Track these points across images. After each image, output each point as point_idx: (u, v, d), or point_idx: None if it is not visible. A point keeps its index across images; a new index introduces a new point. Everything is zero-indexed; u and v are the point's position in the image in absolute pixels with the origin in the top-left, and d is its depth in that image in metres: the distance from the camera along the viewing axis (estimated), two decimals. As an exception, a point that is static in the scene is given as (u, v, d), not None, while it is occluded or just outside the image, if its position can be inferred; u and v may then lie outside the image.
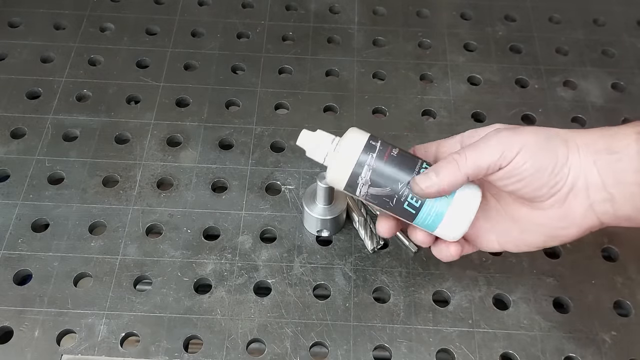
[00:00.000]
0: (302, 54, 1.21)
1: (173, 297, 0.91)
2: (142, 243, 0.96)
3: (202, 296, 0.91)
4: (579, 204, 0.73)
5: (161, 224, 0.98)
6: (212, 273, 0.93)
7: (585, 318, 0.92)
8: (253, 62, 1.19)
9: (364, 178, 0.77)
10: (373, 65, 1.20)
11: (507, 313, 0.92)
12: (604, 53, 1.24)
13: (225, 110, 1.12)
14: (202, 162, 1.05)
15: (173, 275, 0.93)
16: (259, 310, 0.90)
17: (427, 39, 1.24)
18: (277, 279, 0.93)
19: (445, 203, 0.77)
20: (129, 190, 1.01)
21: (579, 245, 0.96)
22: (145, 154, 1.05)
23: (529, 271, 0.95)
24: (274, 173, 1.04)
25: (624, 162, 0.70)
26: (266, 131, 1.09)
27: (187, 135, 1.08)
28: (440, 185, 0.74)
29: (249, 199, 1.01)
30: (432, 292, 0.93)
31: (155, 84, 1.15)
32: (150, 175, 1.03)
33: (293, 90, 1.15)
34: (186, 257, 0.95)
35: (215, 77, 1.16)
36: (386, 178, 0.77)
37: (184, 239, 0.97)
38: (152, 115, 1.10)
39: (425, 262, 0.96)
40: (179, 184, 1.02)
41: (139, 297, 0.91)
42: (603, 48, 1.24)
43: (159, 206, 1.00)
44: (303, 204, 0.96)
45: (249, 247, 0.96)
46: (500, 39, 1.25)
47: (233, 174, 1.03)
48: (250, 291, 0.92)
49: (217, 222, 0.98)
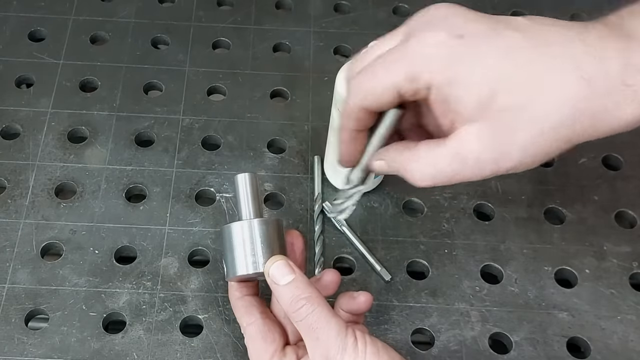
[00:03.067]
0: (243, 23, 1.23)
1: (76, 337, 0.92)
2: (36, 267, 0.97)
3: (114, 336, 0.92)
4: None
5: (61, 242, 0.99)
6: (126, 306, 0.94)
7: (606, 364, 0.94)
8: (179, 33, 1.21)
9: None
10: (334, 37, 1.22)
11: (508, 358, 0.94)
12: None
13: (143, 96, 1.13)
14: (113, 162, 1.06)
15: (76, 308, 0.94)
16: (187, 354, 0.91)
17: (405, 3, 1.27)
18: (210, 314, 0.94)
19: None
20: (19, 199, 1.02)
21: (599, 271, 0.99)
22: (41, 152, 1.06)
23: (536, 304, 0.98)
24: (206, 177, 1.05)
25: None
26: (196, 123, 1.11)
27: (95, 127, 1.09)
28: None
29: (175, 211, 1.02)
30: (411, 331, 0.95)
31: (53, 61, 1.16)
32: (46, 179, 1.04)
33: (231, 69, 1.17)
34: (93, 285, 0.96)
35: (130, 52, 1.18)
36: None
37: (91, 262, 0.97)
38: (48, 102, 1.11)
39: (402, 293, 0.98)
40: (83, 190, 1.03)
41: (32, 338, 0.91)
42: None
43: (58, 219, 1.01)
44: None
45: (174, 273, 0.97)
46: (500, 3, 1.28)
47: (154, 179, 1.05)
48: (176, 329, 0.93)
49: (134, 241, 0.99)
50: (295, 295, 0.78)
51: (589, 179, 1.08)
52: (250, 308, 0.85)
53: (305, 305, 0.77)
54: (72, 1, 1.23)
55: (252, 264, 0.82)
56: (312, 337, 0.77)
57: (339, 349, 0.75)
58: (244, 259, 0.82)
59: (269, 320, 0.85)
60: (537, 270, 0.99)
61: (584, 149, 1.09)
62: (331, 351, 0.75)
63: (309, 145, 1.09)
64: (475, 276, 0.99)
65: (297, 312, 0.78)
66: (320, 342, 0.76)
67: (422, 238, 1.02)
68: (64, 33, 1.19)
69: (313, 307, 0.77)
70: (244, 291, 0.86)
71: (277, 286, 0.80)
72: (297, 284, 0.79)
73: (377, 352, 0.76)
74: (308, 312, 0.77)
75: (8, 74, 1.14)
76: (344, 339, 0.75)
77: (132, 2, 1.24)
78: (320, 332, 0.76)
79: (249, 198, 0.85)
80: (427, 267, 0.99)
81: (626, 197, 1.06)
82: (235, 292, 0.86)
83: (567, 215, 1.04)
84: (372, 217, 1.03)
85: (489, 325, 0.95)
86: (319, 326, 0.76)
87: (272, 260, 0.81)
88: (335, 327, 0.76)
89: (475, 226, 1.03)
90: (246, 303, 0.86)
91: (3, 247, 0.98)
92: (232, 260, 0.83)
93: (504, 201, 1.05)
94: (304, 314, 0.77)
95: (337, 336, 0.75)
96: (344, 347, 0.75)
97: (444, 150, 0.72)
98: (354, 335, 0.76)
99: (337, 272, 0.86)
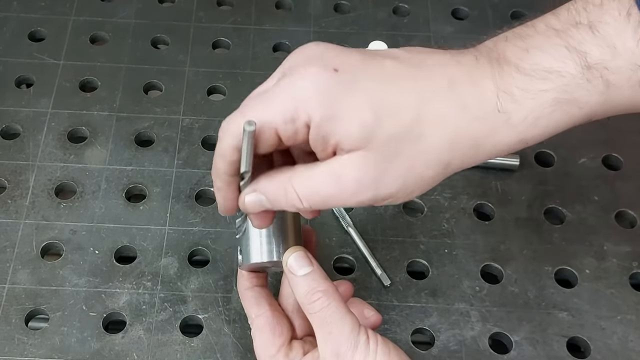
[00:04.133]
0: (243, 23, 1.23)
1: (76, 337, 0.92)
2: (36, 267, 0.97)
3: (114, 336, 0.92)
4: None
5: (61, 242, 0.99)
6: (126, 306, 0.95)
7: (607, 364, 0.94)
8: (179, 33, 1.21)
9: None
10: (334, 37, 1.22)
11: (508, 358, 0.94)
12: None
13: (143, 96, 1.14)
14: (113, 162, 1.06)
15: (76, 308, 0.94)
16: (187, 354, 0.92)
17: (405, 3, 1.27)
18: (210, 314, 0.95)
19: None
20: (19, 200, 1.02)
21: (600, 271, 1.00)
22: (41, 153, 1.06)
23: (536, 303, 0.98)
24: (206, 177, 1.06)
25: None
26: (196, 122, 1.11)
27: (95, 128, 1.09)
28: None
29: (175, 211, 1.03)
30: (411, 331, 0.95)
31: (53, 61, 1.16)
32: (46, 179, 1.04)
33: (231, 69, 1.17)
34: (93, 285, 0.96)
35: (130, 52, 1.18)
36: None
37: (91, 262, 0.98)
38: (48, 103, 1.11)
39: (402, 293, 0.98)
40: (83, 191, 1.03)
41: (32, 338, 0.92)
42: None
43: (58, 220, 1.01)
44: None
45: (174, 273, 0.97)
46: (500, 2, 1.28)
47: (154, 179, 1.05)
48: (176, 329, 0.93)
49: (134, 241, 1.00)
50: (312, 287, 0.78)
51: (589, 179, 1.08)
52: (259, 299, 0.85)
53: (321, 298, 0.77)
54: (72, 1, 1.23)
55: (267, 252, 0.82)
56: (325, 331, 0.77)
57: (351, 346, 0.75)
58: (260, 247, 0.82)
59: (278, 313, 0.85)
60: (537, 270, 1.00)
61: (584, 149, 1.09)
62: (342, 347, 0.75)
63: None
64: (475, 276, 0.99)
65: (312, 305, 0.77)
66: (332, 337, 0.76)
67: (422, 238, 1.02)
68: (64, 33, 1.19)
69: (329, 300, 0.77)
70: (253, 282, 0.86)
71: (294, 276, 0.79)
72: (314, 276, 0.79)
73: (389, 353, 0.76)
74: (323, 306, 0.77)
75: (8, 74, 1.14)
76: (357, 337, 0.75)
77: (132, 2, 1.24)
78: (333, 327, 0.76)
79: None
80: (427, 267, 0.99)
81: (626, 197, 1.06)
82: (245, 282, 0.86)
83: (567, 215, 1.04)
84: (372, 217, 1.03)
85: (489, 325, 0.95)
86: (332, 320, 0.76)
87: (292, 251, 0.81)
88: (349, 323, 0.76)
89: (475, 226, 1.03)
90: (255, 294, 0.86)
91: (3, 247, 0.98)
92: (247, 248, 0.83)
93: (504, 201, 1.05)
94: (318, 307, 0.77)
95: (351, 333, 0.75)
96: (355, 344, 0.75)
97: (324, 169, 0.71)
98: (367, 334, 0.76)
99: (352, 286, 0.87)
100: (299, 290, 0.79)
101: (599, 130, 1.11)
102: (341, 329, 0.76)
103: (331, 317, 0.76)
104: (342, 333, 0.75)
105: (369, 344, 0.75)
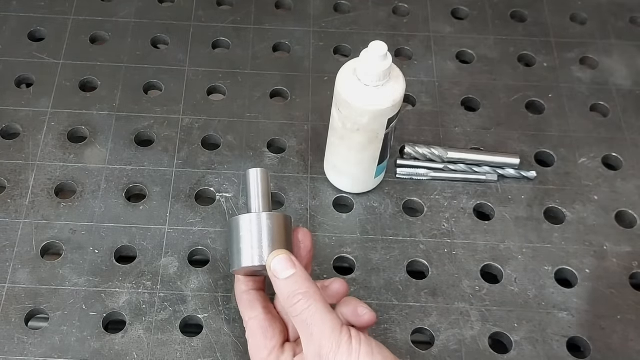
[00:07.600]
0: (243, 23, 1.23)
1: (76, 336, 0.92)
2: (36, 267, 0.97)
3: (114, 335, 0.93)
4: None
5: (61, 242, 0.99)
6: (126, 306, 0.95)
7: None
8: (179, 33, 1.21)
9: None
10: (334, 37, 1.22)
11: (508, 358, 0.94)
12: (632, 22, 1.27)
13: (143, 96, 1.14)
14: (113, 162, 1.06)
15: (76, 308, 0.94)
16: (187, 354, 0.92)
17: (405, 3, 1.27)
18: (210, 314, 0.95)
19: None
20: (19, 199, 1.02)
21: (600, 271, 1.00)
22: (41, 152, 1.06)
23: (536, 303, 0.98)
24: (206, 177, 1.06)
25: None
26: (196, 122, 1.11)
27: (95, 127, 1.10)
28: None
29: (174, 211, 1.03)
30: (411, 331, 0.95)
31: (53, 61, 1.16)
32: (46, 179, 1.04)
33: (231, 69, 1.17)
34: (93, 285, 0.96)
35: (130, 52, 1.18)
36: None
37: (91, 261, 0.98)
38: (48, 102, 1.12)
39: (402, 292, 0.98)
40: (83, 190, 1.04)
41: (32, 337, 0.92)
42: (631, 15, 1.27)
43: (58, 219, 1.01)
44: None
45: (174, 273, 0.98)
46: (499, 2, 1.28)
47: (154, 178, 1.05)
48: (176, 329, 0.93)
49: (134, 241, 1.00)
50: (293, 290, 0.79)
51: (589, 179, 1.08)
52: (254, 302, 0.86)
53: (301, 300, 0.78)
54: (72, 1, 1.23)
55: (257, 256, 0.83)
56: (307, 333, 0.78)
57: (333, 347, 0.76)
58: (250, 251, 0.83)
59: (271, 316, 0.85)
60: (537, 270, 1.00)
61: (584, 149, 1.10)
62: (324, 349, 0.76)
63: (308, 145, 1.09)
64: (475, 276, 0.99)
65: (294, 307, 0.78)
66: (314, 338, 0.77)
67: (422, 238, 1.02)
68: (64, 33, 1.19)
69: (309, 302, 0.78)
70: (249, 285, 0.87)
71: (277, 280, 0.81)
72: (296, 279, 0.80)
73: (371, 352, 0.76)
74: (304, 308, 0.78)
75: (8, 74, 1.14)
76: (339, 337, 0.76)
77: (132, 2, 1.24)
78: (314, 328, 0.77)
79: (259, 193, 0.86)
80: (427, 267, 1.00)
81: (626, 197, 1.07)
82: (242, 285, 0.87)
83: (567, 215, 1.05)
84: (372, 217, 1.03)
85: (488, 325, 0.96)
86: (313, 322, 0.77)
87: (275, 254, 0.82)
88: (330, 324, 0.77)
89: (475, 226, 1.03)
90: (250, 297, 0.87)
91: (3, 247, 0.98)
92: (238, 252, 0.84)
93: (504, 201, 1.05)
94: (299, 309, 0.78)
95: (332, 333, 0.76)
96: (337, 344, 0.76)
97: None
98: (349, 333, 0.77)
99: (346, 284, 0.87)
100: (282, 293, 0.81)
101: (599, 130, 1.12)
102: (322, 330, 0.77)
103: (312, 319, 0.77)
104: (323, 334, 0.76)
105: (351, 344, 0.76)
